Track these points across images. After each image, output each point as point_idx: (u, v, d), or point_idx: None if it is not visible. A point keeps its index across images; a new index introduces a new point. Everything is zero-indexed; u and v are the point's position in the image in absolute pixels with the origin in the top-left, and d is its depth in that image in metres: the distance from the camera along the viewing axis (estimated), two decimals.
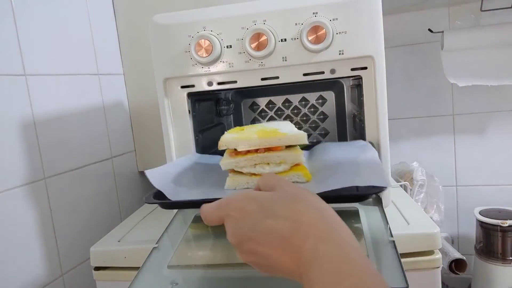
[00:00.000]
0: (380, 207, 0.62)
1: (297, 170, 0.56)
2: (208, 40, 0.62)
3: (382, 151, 0.64)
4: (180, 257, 0.57)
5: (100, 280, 0.65)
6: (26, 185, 0.72)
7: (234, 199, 0.37)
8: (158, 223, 0.71)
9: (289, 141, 0.55)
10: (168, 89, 0.68)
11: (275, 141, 0.54)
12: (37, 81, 0.76)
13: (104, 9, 0.99)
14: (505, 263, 1.04)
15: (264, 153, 0.55)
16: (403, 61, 1.21)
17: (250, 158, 0.55)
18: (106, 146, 0.95)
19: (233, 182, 0.57)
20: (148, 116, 1.04)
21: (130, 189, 1.05)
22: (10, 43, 0.71)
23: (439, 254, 0.58)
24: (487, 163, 1.20)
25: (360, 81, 0.65)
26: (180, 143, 0.70)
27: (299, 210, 0.34)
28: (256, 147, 0.54)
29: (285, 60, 0.63)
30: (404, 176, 1.09)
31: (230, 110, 0.99)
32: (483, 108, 1.18)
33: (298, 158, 0.56)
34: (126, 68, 1.04)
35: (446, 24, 1.16)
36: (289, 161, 0.56)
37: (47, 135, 0.77)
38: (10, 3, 0.71)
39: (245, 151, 0.55)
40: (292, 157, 0.55)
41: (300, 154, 0.56)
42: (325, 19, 0.60)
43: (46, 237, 0.76)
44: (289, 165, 0.56)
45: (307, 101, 0.98)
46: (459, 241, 1.26)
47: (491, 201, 1.19)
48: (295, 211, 0.34)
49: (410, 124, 1.24)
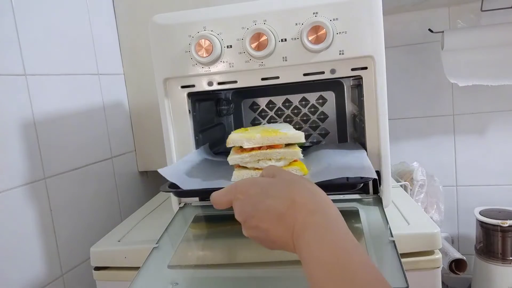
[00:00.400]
0: (380, 207, 0.63)
1: (295, 165, 0.63)
2: (208, 40, 0.62)
3: (382, 151, 0.64)
4: (180, 257, 0.57)
5: (100, 280, 0.65)
6: (26, 185, 0.72)
7: (240, 184, 0.44)
8: (158, 223, 0.71)
9: (289, 140, 0.62)
10: (168, 89, 0.68)
11: (276, 139, 0.62)
12: (37, 81, 0.76)
13: (104, 9, 0.99)
14: (505, 263, 1.04)
15: (266, 150, 0.62)
16: (403, 61, 1.21)
17: (254, 154, 0.62)
18: (106, 146, 0.95)
19: (238, 175, 0.63)
20: (148, 116, 1.04)
21: (130, 189, 1.05)
22: (10, 43, 0.71)
23: (439, 254, 0.58)
24: (487, 163, 1.20)
25: (360, 81, 0.65)
26: (180, 143, 0.70)
27: (294, 192, 0.39)
28: (259, 144, 0.62)
29: (285, 60, 0.63)
30: (404, 176, 1.09)
31: (230, 110, 0.99)
32: (483, 108, 1.18)
33: (296, 154, 0.62)
34: (126, 68, 1.04)
35: (446, 24, 1.16)
36: (288, 157, 0.63)
37: (47, 135, 0.77)
38: (10, 3, 0.71)
39: (250, 148, 0.62)
40: (291, 154, 0.62)
41: (298, 151, 0.62)
42: (325, 19, 0.60)
43: (46, 237, 0.76)
44: (288, 161, 0.63)
45: (307, 101, 0.98)
46: (459, 241, 1.26)
47: (491, 201, 1.19)
48: (291, 192, 0.39)
49: (410, 124, 1.24)
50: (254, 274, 0.53)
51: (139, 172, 1.09)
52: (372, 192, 0.66)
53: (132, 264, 0.63)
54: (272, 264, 0.56)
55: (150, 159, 1.07)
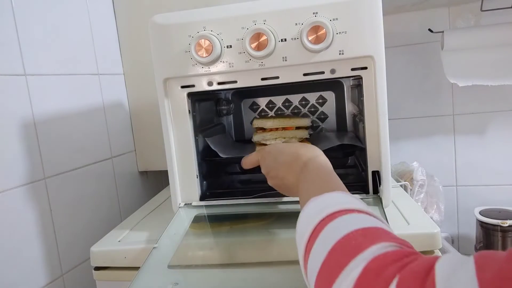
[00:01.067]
0: (380, 207, 0.63)
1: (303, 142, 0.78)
2: (208, 40, 0.62)
3: (382, 151, 0.64)
4: (180, 257, 0.57)
5: (100, 280, 0.65)
6: (26, 185, 0.72)
7: (264, 148, 0.62)
8: (158, 223, 0.71)
9: (298, 123, 0.85)
10: (168, 89, 0.68)
11: (289, 123, 0.84)
12: (37, 81, 0.76)
13: (104, 9, 0.99)
14: None
15: (282, 131, 0.83)
16: (403, 61, 1.21)
17: (272, 133, 0.83)
18: (106, 146, 0.96)
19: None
20: (148, 116, 1.04)
21: (130, 189, 1.05)
22: (10, 43, 0.71)
23: (439, 254, 0.58)
24: (487, 163, 1.20)
25: (360, 81, 0.65)
26: (180, 143, 0.70)
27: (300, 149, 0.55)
28: (276, 126, 0.83)
29: (285, 60, 0.63)
30: (404, 176, 1.09)
31: (230, 110, 0.99)
32: (483, 108, 1.18)
33: (304, 134, 0.84)
34: (126, 68, 1.04)
35: (446, 24, 1.16)
36: (298, 136, 0.83)
37: (47, 135, 0.77)
38: (10, 3, 0.71)
39: (269, 129, 0.83)
40: (300, 134, 0.84)
41: (305, 132, 0.85)
42: (325, 19, 0.60)
43: (46, 237, 0.76)
44: (297, 139, 0.83)
45: (307, 101, 0.98)
46: (459, 241, 1.26)
47: (491, 201, 1.19)
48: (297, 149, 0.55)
49: (410, 124, 1.24)
50: (254, 274, 0.53)
51: (139, 172, 1.09)
52: (372, 192, 0.66)
53: (132, 264, 0.63)
54: (272, 264, 0.56)
55: (150, 159, 1.07)
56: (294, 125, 0.84)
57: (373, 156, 0.65)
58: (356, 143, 0.76)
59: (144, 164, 1.08)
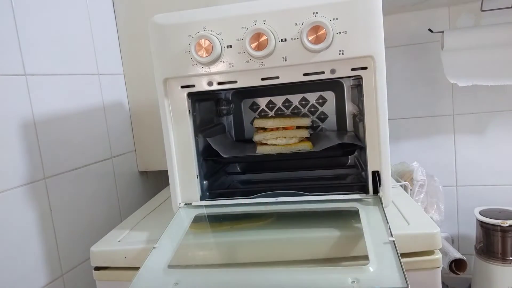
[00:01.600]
0: (380, 207, 0.63)
1: (303, 142, 0.83)
2: (208, 40, 0.62)
3: (382, 151, 0.64)
4: (180, 257, 0.57)
5: (100, 280, 0.65)
6: (26, 185, 0.72)
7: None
8: (158, 223, 0.71)
9: (298, 123, 0.85)
10: (168, 89, 0.68)
11: (290, 122, 0.84)
12: (37, 81, 0.76)
13: (104, 9, 0.99)
14: (505, 263, 1.04)
15: (282, 130, 0.83)
16: (403, 61, 1.21)
17: (273, 133, 0.83)
18: (106, 146, 0.95)
19: (261, 149, 0.83)
20: (148, 116, 1.04)
21: (130, 189, 1.05)
22: (10, 43, 0.71)
23: (439, 254, 0.58)
24: (487, 163, 1.20)
25: (360, 81, 0.65)
26: (180, 143, 0.70)
27: None
28: (277, 126, 0.84)
29: (285, 60, 0.63)
30: (404, 176, 1.09)
31: (230, 110, 0.99)
32: (483, 108, 1.18)
33: (305, 134, 0.84)
34: (126, 68, 1.04)
35: (446, 24, 1.16)
36: (298, 135, 0.83)
37: (47, 135, 0.77)
38: (10, 3, 0.71)
39: (270, 128, 0.84)
40: (300, 133, 0.84)
41: (305, 131, 0.85)
42: (325, 19, 0.60)
43: (46, 237, 0.76)
44: (298, 139, 0.83)
45: (307, 101, 0.98)
46: (459, 241, 1.26)
47: (491, 201, 1.19)
48: None
49: (410, 124, 1.24)
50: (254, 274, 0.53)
51: (139, 172, 1.09)
52: (372, 192, 0.66)
53: (132, 264, 0.62)
54: (272, 264, 0.56)
55: (150, 159, 1.07)
56: (294, 125, 0.85)
57: (373, 156, 0.65)
58: (355, 142, 0.77)
59: (144, 164, 1.08)
